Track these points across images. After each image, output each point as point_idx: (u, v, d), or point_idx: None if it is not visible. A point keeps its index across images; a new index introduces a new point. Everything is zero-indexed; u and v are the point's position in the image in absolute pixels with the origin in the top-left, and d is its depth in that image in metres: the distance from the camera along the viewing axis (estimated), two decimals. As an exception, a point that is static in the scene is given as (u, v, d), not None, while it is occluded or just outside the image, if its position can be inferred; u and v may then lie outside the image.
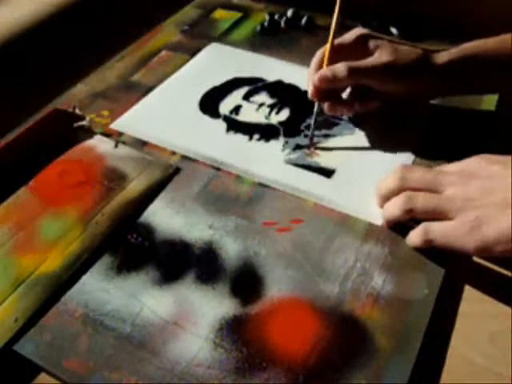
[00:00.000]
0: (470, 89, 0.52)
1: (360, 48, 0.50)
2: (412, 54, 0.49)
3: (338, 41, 0.51)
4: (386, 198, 0.43)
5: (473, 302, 0.39)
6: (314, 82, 0.49)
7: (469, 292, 0.40)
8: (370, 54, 0.49)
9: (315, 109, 0.51)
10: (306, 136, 0.52)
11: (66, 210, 0.45)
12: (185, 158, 0.50)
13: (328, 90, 0.50)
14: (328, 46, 0.50)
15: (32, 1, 0.75)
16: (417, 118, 0.54)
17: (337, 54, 0.50)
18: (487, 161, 0.40)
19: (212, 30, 0.69)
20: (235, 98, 0.57)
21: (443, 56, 0.49)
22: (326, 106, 0.50)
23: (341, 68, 0.48)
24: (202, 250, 0.42)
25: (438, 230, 0.39)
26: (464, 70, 0.49)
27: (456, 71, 0.49)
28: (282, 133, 0.53)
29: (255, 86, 0.59)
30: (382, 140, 0.52)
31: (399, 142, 0.51)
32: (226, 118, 0.55)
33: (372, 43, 0.49)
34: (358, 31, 0.51)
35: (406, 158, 0.49)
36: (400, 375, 0.34)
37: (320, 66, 0.51)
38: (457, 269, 0.40)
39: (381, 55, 0.48)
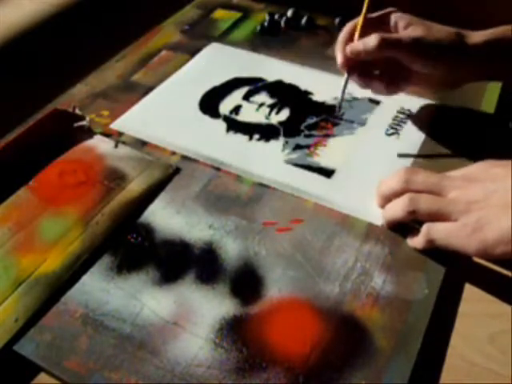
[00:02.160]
0: (496, 74, 0.51)
1: (390, 25, 0.49)
2: (445, 32, 0.48)
3: (369, 16, 0.50)
4: (387, 199, 0.43)
5: (473, 302, 0.39)
6: (346, 53, 0.48)
7: (469, 292, 0.40)
8: (402, 30, 0.49)
9: (344, 79, 0.50)
10: (306, 136, 0.52)
11: (66, 209, 0.45)
12: (185, 157, 0.50)
13: (358, 62, 0.49)
14: (361, 18, 0.49)
15: (32, 1, 0.75)
16: (418, 118, 0.54)
17: (367, 29, 0.49)
18: (489, 165, 0.41)
19: (212, 30, 0.69)
20: (235, 98, 0.57)
21: (475, 37, 0.48)
22: (356, 77, 0.50)
23: (372, 39, 0.47)
24: (201, 250, 0.42)
25: (440, 231, 0.39)
26: (500, 52, 0.48)
27: (485, 54, 0.48)
28: (281, 133, 0.53)
29: (255, 86, 0.59)
30: (382, 141, 0.52)
31: (399, 142, 0.51)
32: (226, 118, 0.55)
33: (404, 20, 0.49)
34: (390, 9, 0.50)
35: (406, 159, 0.49)
36: (400, 375, 0.34)
37: (349, 37, 0.50)
38: (457, 269, 0.40)
39: (413, 30, 0.48)
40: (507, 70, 0.50)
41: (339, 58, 0.49)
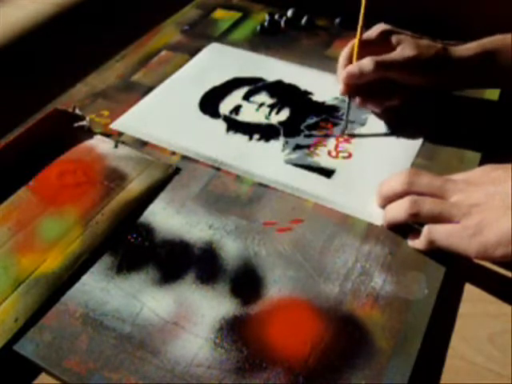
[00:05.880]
0: (489, 83, 0.54)
1: (383, 43, 0.52)
2: (433, 49, 0.50)
3: (364, 38, 0.53)
4: (388, 199, 0.43)
5: (473, 302, 0.39)
6: (342, 78, 0.51)
7: (469, 292, 0.40)
8: (393, 48, 0.51)
9: (347, 103, 0.52)
10: (306, 136, 0.52)
11: (66, 210, 0.45)
12: (185, 157, 0.50)
13: (358, 85, 0.51)
14: (356, 41, 0.52)
15: (33, 1, 0.75)
16: (417, 119, 0.54)
17: (362, 49, 0.52)
18: (490, 168, 0.41)
19: (212, 30, 0.69)
20: (235, 97, 0.57)
21: (463, 51, 0.51)
22: (357, 100, 0.52)
23: (367, 62, 0.50)
24: (202, 250, 0.42)
25: (441, 232, 0.39)
26: (483, 65, 0.50)
27: (475, 66, 0.50)
28: (282, 133, 0.53)
29: (255, 85, 0.59)
30: (382, 140, 0.52)
31: (399, 142, 0.51)
32: (226, 118, 0.55)
33: (395, 38, 0.51)
34: (381, 27, 0.53)
35: (406, 159, 0.50)
36: (400, 375, 0.34)
37: (348, 62, 0.52)
38: (457, 269, 0.40)
39: (404, 50, 0.50)
40: (495, 79, 0.52)
41: (341, 87, 0.52)
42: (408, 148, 0.51)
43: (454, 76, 0.51)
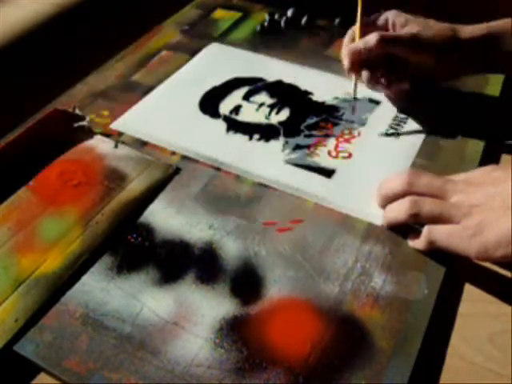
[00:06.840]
0: (495, 66, 0.54)
1: (389, 25, 0.53)
2: (440, 27, 0.51)
3: (372, 17, 0.54)
4: (388, 200, 0.43)
5: (473, 302, 0.39)
6: (347, 53, 0.52)
7: (469, 292, 0.40)
8: (399, 28, 0.52)
9: (353, 79, 0.53)
10: (306, 136, 0.52)
11: (66, 210, 0.45)
12: (185, 157, 0.50)
13: (362, 62, 0.52)
14: (358, 20, 0.53)
15: (33, 1, 0.75)
16: (417, 119, 0.54)
17: (368, 30, 0.52)
18: (490, 169, 0.41)
19: (212, 30, 0.69)
20: (235, 97, 0.57)
21: (468, 31, 0.51)
22: (364, 76, 0.52)
23: (371, 36, 0.50)
24: (202, 250, 0.42)
25: (441, 232, 0.39)
26: (487, 47, 0.51)
27: (480, 47, 0.51)
28: (282, 133, 0.53)
29: (255, 85, 0.59)
30: (382, 140, 0.52)
31: (399, 142, 0.51)
32: (226, 118, 0.55)
33: (401, 19, 0.52)
34: (388, 12, 0.54)
35: (406, 159, 0.50)
36: (400, 375, 0.34)
37: (353, 41, 0.53)
38: (457, 269, 0.40)
39: (410, 27, 0.51)
40: (502, 63, 0.53)
41: (346, 63, 0.52)
42: (408, 148, 0.51)
43: (460, 56, 0.51)
